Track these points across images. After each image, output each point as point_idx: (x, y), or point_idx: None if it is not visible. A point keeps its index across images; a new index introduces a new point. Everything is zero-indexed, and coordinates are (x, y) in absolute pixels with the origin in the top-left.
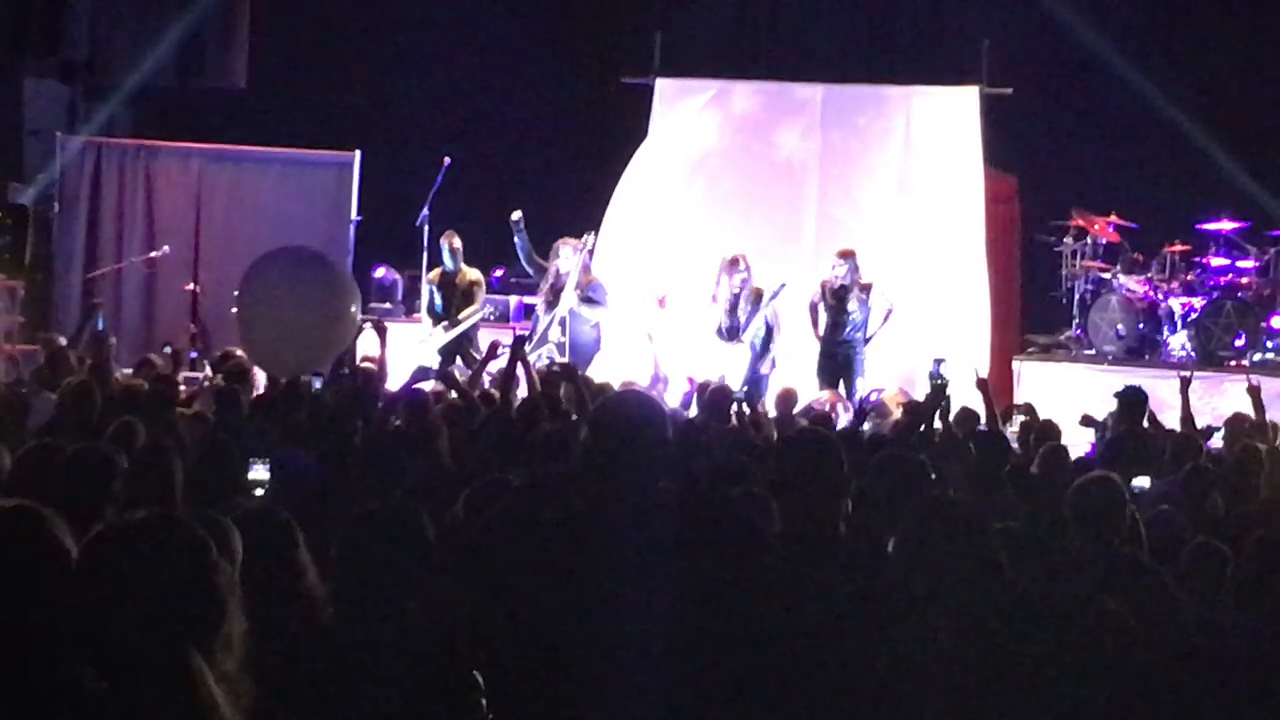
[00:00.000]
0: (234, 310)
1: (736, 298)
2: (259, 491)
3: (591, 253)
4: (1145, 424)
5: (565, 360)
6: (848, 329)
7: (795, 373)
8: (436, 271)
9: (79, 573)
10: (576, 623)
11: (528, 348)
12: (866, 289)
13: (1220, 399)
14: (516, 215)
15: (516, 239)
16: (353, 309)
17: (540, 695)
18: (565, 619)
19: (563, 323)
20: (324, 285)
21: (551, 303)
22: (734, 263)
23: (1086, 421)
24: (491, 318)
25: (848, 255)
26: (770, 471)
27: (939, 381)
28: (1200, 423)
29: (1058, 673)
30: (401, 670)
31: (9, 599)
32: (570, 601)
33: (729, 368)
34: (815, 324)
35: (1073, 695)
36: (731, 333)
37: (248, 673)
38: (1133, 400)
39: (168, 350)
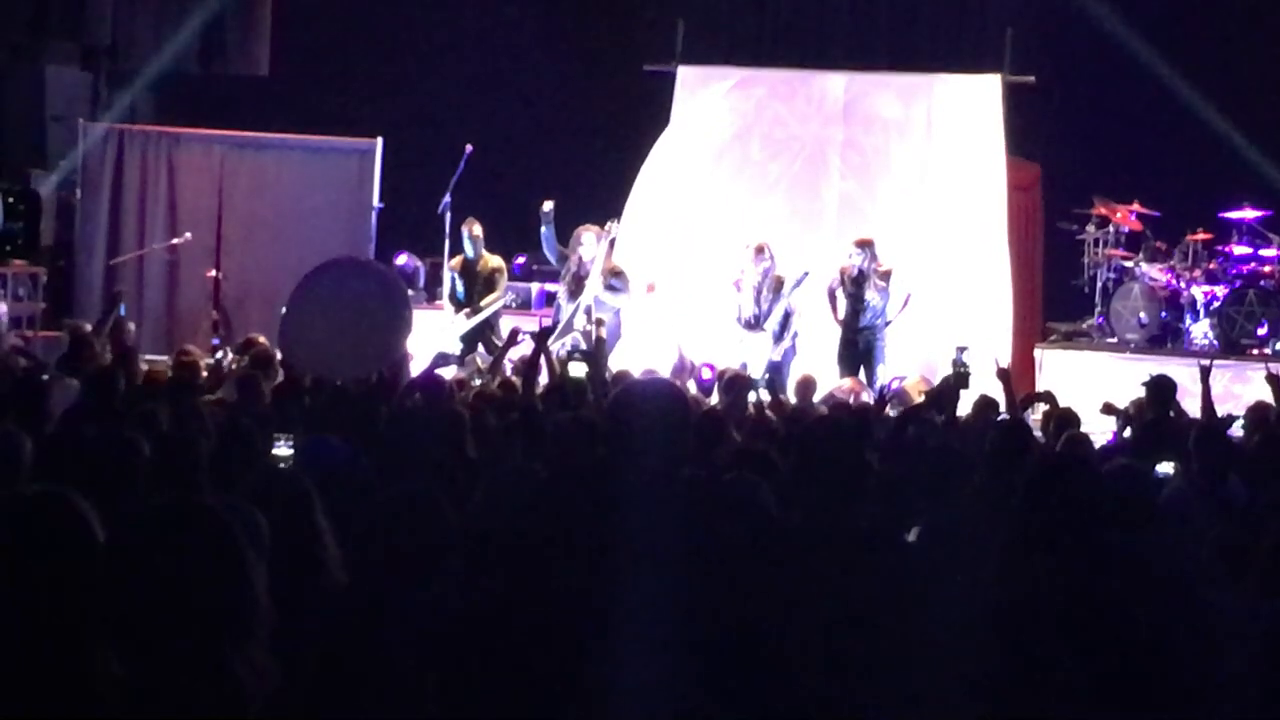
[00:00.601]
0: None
1: (760, 286)
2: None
3: (614, 241)
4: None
5: (586, 348)
6: (867, 315)
7: (816, 360)
8: (458, 259)
9: (106, 558)
10: (588, 613)
11: (553, 337)
12: (886, 276)
13: (1244, 387)
14: (548, 206)
15: (545, 229)
16: (406, 314)
17: (551, 682)
18: (577, 608)
19: (588, 311)
20: (379, 299)
21: (575, 291)
22: (759, 251)
23: (1108, 410)
24: (513, 305)
25: (865, 244)
26: (790, 459)
27: (962, 369)
28: (1223, 411)
29: (1076, 663)
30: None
31: (37, 583)
32: (582, 591)
33: (750, 355)
34: (834, 309)
35: (1095, 685)
36: (754, 321)
37: (272, 656)
38: (1161, 388)
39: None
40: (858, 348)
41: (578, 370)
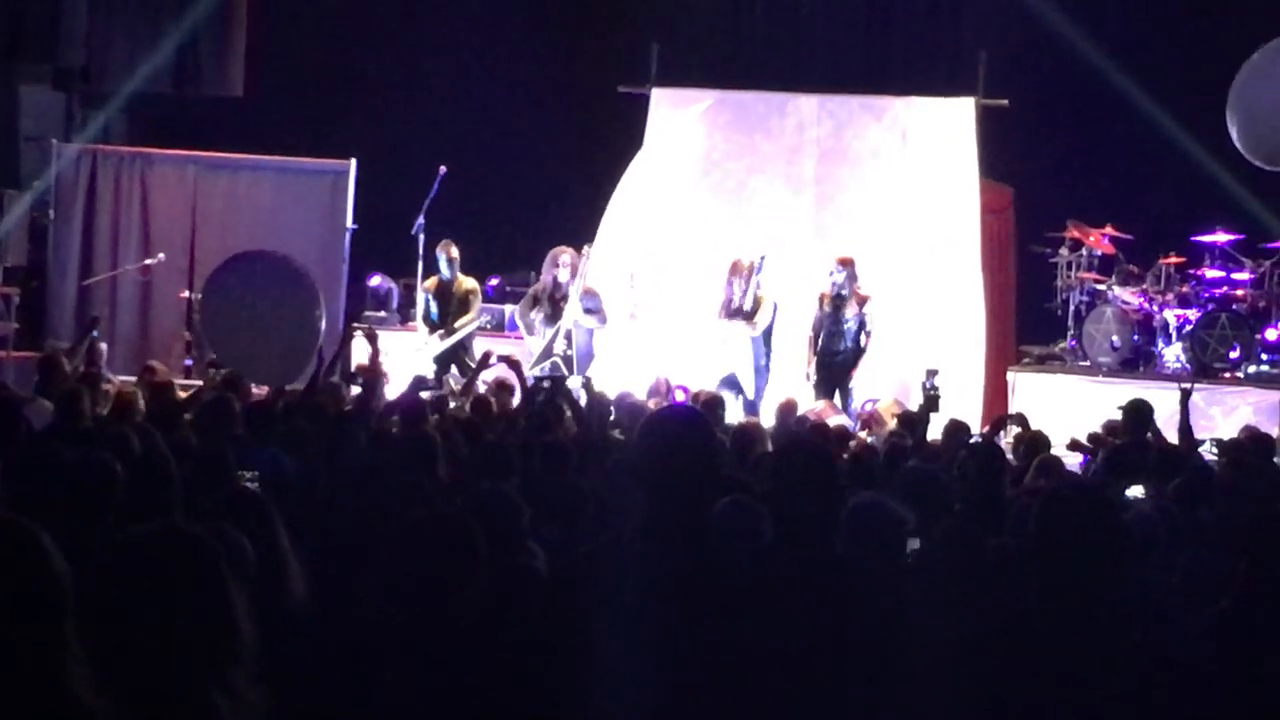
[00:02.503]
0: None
1: (746, 287)
2: None
3: (587, 264)
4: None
5: (563, 374)
6: (844, 339)
7: (790, 382)
8: (433, 280)
9: (87, 587)
10: (572, 636)
11: (530, 362)
12: (863, 302)
13: (1217, 410)
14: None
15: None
16: (315, 313)
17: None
18: (562, 630)
19: (568, 335)
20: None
21: (552, 315)
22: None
23: (1074, 447)
24: (488, 326)
25: (846, 263)
26: (764, 483)
27: (933, 393)
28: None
29: (1059, 690)
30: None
31: (3, 617)
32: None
33: (732, 342)
34: (813, 349)
35: (1075, 712)
36: (734, 312)
37: (256, 684)
38: (1139, 412)
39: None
40: (832, 370)
41: (574, 383)
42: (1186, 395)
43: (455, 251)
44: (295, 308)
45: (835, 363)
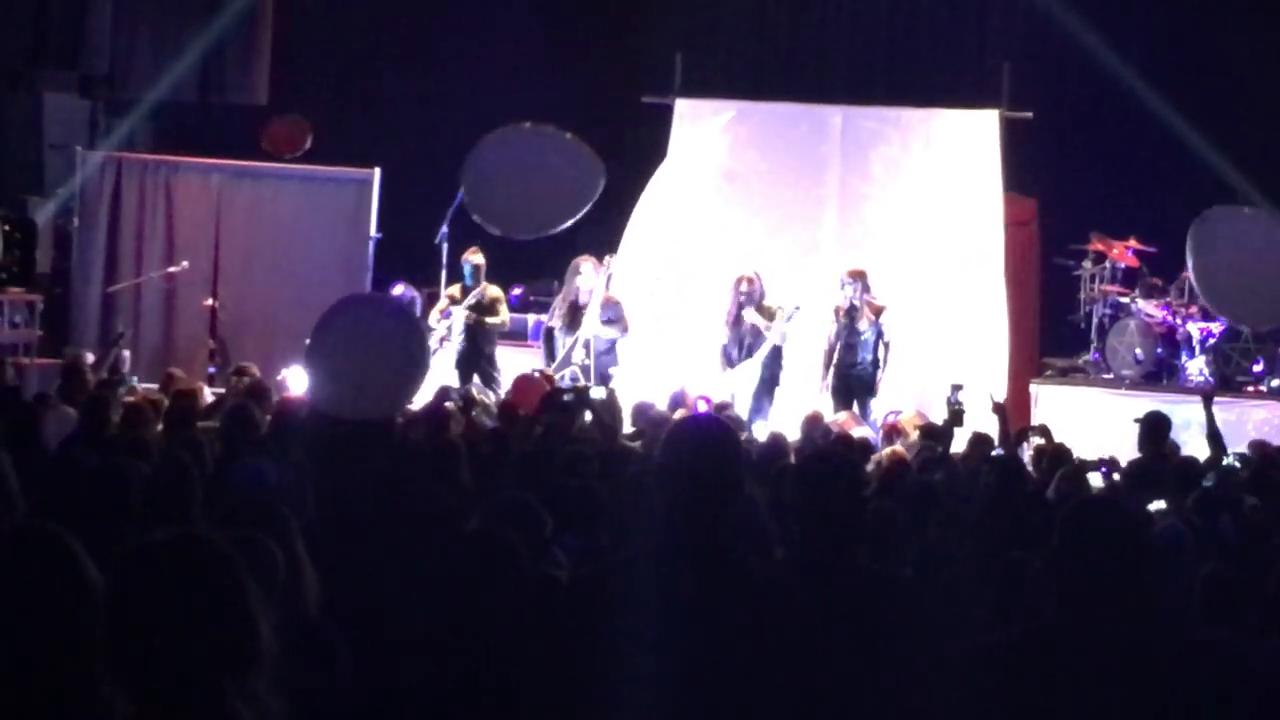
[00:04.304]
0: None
1: (738, 321)
2: None
3: (610, 277)
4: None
5: (584, 384)
6: (860, 350)
7: (804, 395)
8: (457, 286)
9: (108, 594)
10: (589, 649)
11: (551, 368)
12: (878, 312)
13: (1240, 424)
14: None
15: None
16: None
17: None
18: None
19: (586, 345)
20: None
21: (572, 323)
22: (738, 283)
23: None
24: (506, 328)
25: (858, 275)
26: (787, 495)
27: (957, 408)
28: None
29: (1082, 704)
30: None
31: (33, 622)
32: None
33: (738, 387)
34: (828, 363)
35: None
36: (734, 358)
37: (275, 691)
38: (1154, 425)
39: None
40: (850, 382)
41: (598, 393)
42: (1209, 399)
43: (480, 258)
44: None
45: (851, 375)
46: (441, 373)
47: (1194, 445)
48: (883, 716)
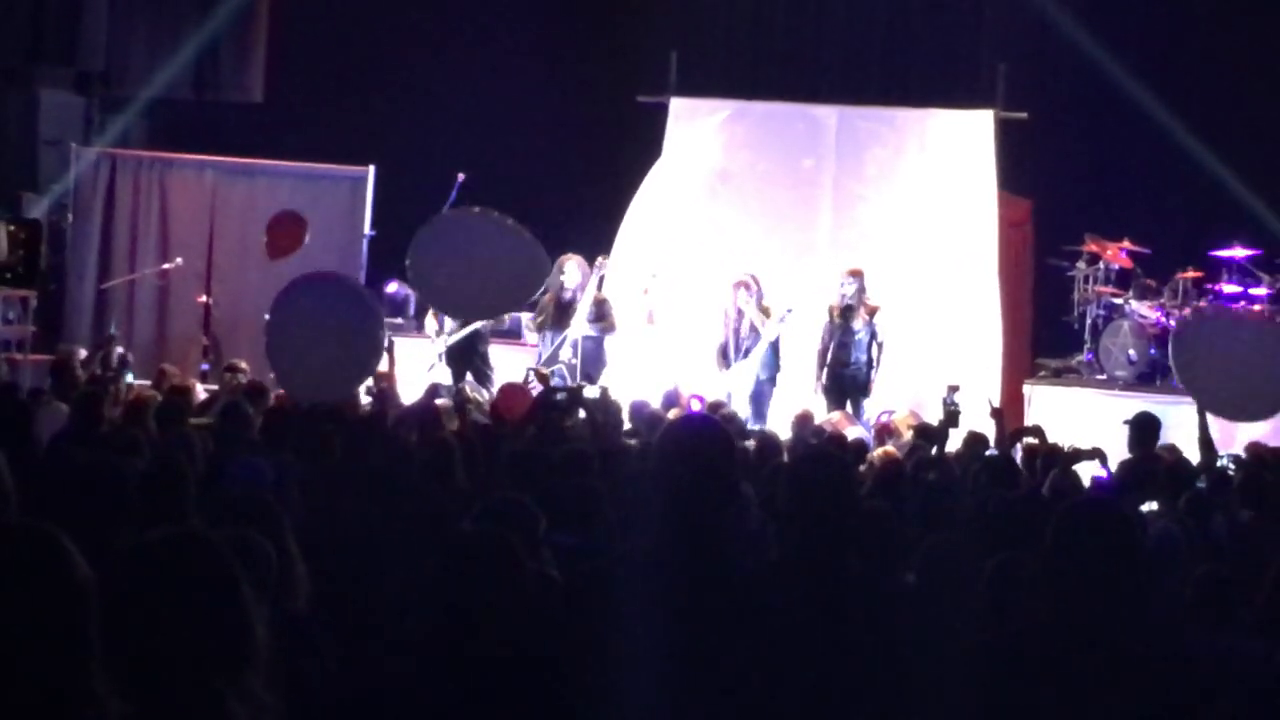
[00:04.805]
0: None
1: (738, 323)
2: None
3: (603, 278)
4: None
5: (577, 384)
6: (854, 350)
7: (797, 393)
8: None
9: (103, 592)
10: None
11: (539, 364)
12: (872, 313)
13: (1232, 425)
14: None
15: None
16: (380, 334)
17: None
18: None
19: (574, 344)
20: (353, 312)
21: (559, 321)
22: (737, 286)
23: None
24: (498, 326)
25: (856, 274)
26: (778, 495)
27: (953, 409)
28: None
29: (1075, 705)
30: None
31: (25, 621)
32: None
33: (735, 387)
34: (821, 363)
35: None
36: (729, 356)
37: (270, 690)
38: (1144, 426)
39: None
40: (844, 381)
41: (592, 392)
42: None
43: None
44: (363, 327)
45: (845, 374)
46: (437, 371)
47: (1187, 447)
48: (876, 716)
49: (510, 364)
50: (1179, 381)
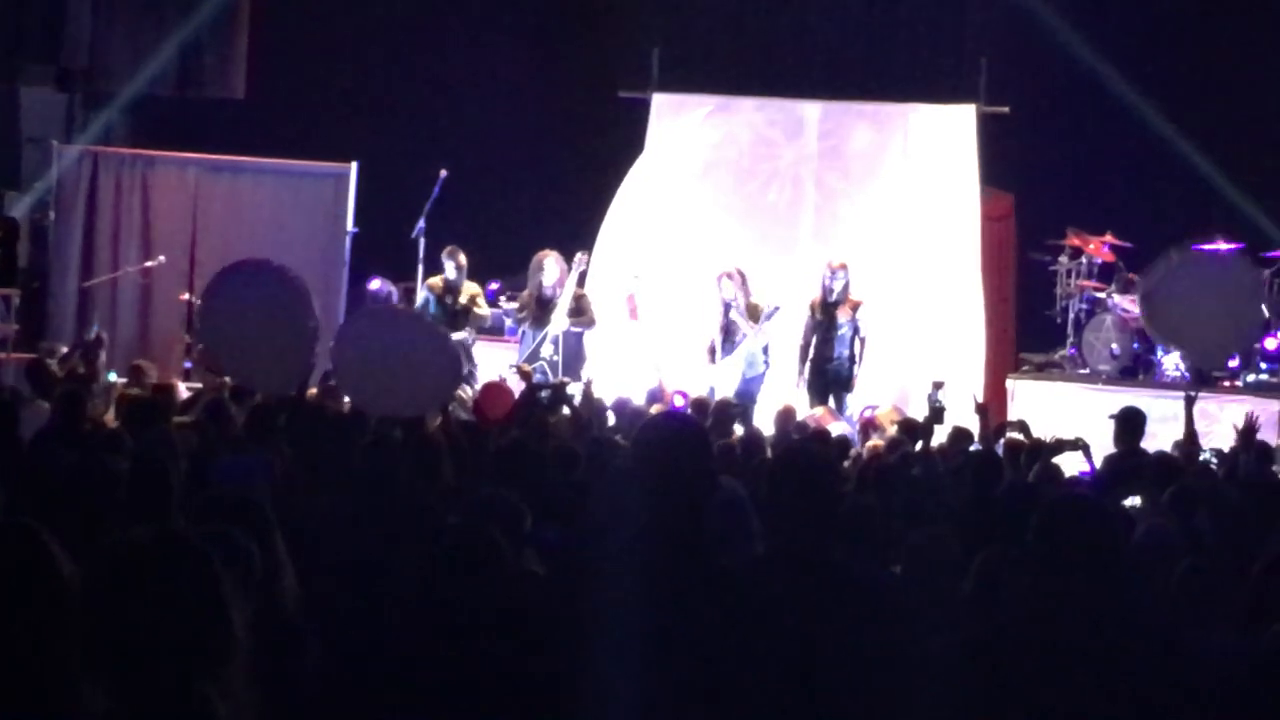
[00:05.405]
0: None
1: (725, 317)
2: None
3: (583, 274)
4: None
5: (560, 380)
6: (836, 345)
7: (782, 389)
8: (439, 280)
9: (86, 591)
10: (566, 648)
11: (519, 361)
12: (855, 307)
13: (1214, 419)
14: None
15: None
16: (310, 323)
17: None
18: (556, 642)
19: (555, 341)
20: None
21: (539, 318)
22: (722, 278)
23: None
24: (485, 325)
25: (843, 267)
26: (761, 489)
27: (937, 405)
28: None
29: (1057, 699)
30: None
31: (13, 619)
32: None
33: (719, 382)
34: (804, 355)
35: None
36: (718, 353)
37: (252, 687)
38: (1130, 420)
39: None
40: (826, 376)
41: (575, 388)
42: (1191, 403)
43: (463, 258)
44: (288, 315)
45: (828, 369)
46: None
47: (1168, 441)
48: (860, 710)
49: (494, 361)
50: (1151, 327)
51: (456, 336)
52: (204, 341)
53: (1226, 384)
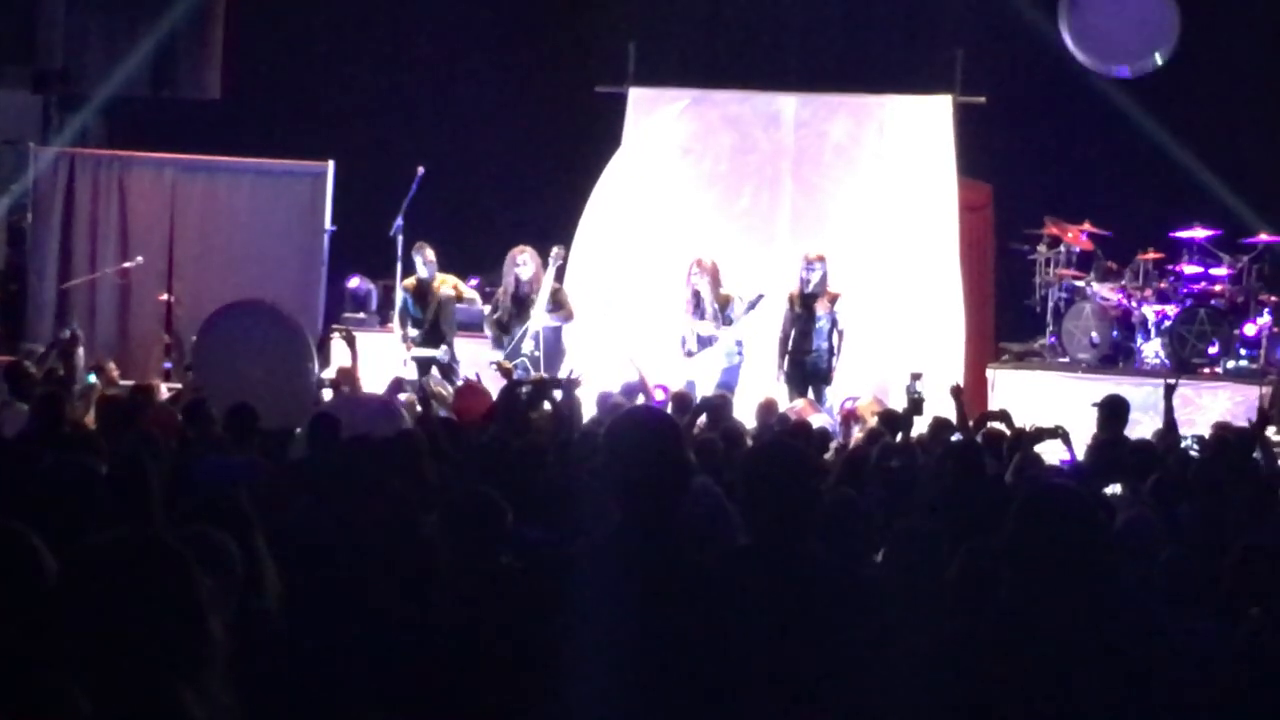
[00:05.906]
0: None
1: (697, 306)
2: None
3: (561, 269)
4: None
5: (540, 375)
6: (815, 337)
7: (759, 381)
8: (412, 280)
9: (61, 594)
10: (544, 651)
11: (500, 357)
12: (834, 299)
13: (1195, 406)
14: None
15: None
16: (310, 365)
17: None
18: (535, 643)
19: (535, 336)
20: (282, 344)
21: (518, 314)
22: (698, 263)
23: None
24: (475, 305)
25: (821, 259)
26: (738, 484)
27: (916, 396)
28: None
29: (1040, 693)
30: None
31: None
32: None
33: (698, 375)
34: (783, 346)
35: (1054, 712)
36: (691, 346)
37: (228, 689)
38: (1114, 408)
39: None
40: (805, 368)
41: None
42: (1170, 391)
43: (431, 254)
44: (288, 358)
45: (806, 362)
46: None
47: (1148, 429)
48: (841, 705)
49: (474, 356)
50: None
51: (433, 353)
52: (201, 384)
53: (1206, 371)
